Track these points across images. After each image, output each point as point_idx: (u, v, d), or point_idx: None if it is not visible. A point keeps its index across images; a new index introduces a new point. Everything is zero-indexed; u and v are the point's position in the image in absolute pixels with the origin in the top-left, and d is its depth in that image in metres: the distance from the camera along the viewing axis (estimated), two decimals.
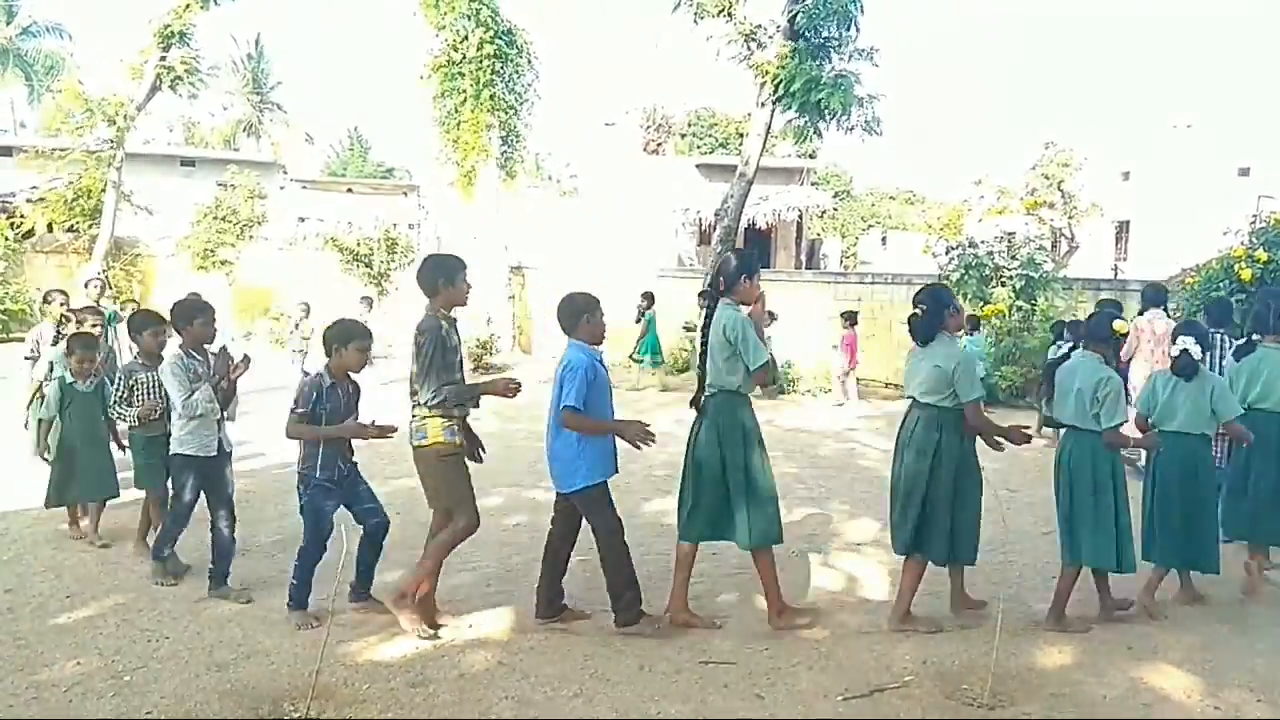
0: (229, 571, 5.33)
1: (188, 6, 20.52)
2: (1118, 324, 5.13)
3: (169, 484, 5.62)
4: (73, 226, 21.99)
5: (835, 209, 36.64)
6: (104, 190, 21.43)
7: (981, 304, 13.25)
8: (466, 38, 18.53)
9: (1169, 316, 8.80)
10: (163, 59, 20.85)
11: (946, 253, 14.15)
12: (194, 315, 5.37)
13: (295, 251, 22.51)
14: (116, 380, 5.89)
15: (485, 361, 16.86)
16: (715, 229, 18.29)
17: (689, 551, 4.96)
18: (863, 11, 15.27)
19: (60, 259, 22.03)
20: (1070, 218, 27.13)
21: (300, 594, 4.89)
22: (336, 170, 42.69)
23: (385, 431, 4.82)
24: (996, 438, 4.94)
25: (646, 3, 48.34)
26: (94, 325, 7.44)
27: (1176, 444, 5.25)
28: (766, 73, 15.56)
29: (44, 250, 22.17)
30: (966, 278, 13.57)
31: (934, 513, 4.83)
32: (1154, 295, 8.87)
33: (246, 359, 5.55)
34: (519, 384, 4.79)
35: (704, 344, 4.85)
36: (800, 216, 27.46)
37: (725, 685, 4.23)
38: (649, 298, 15.33)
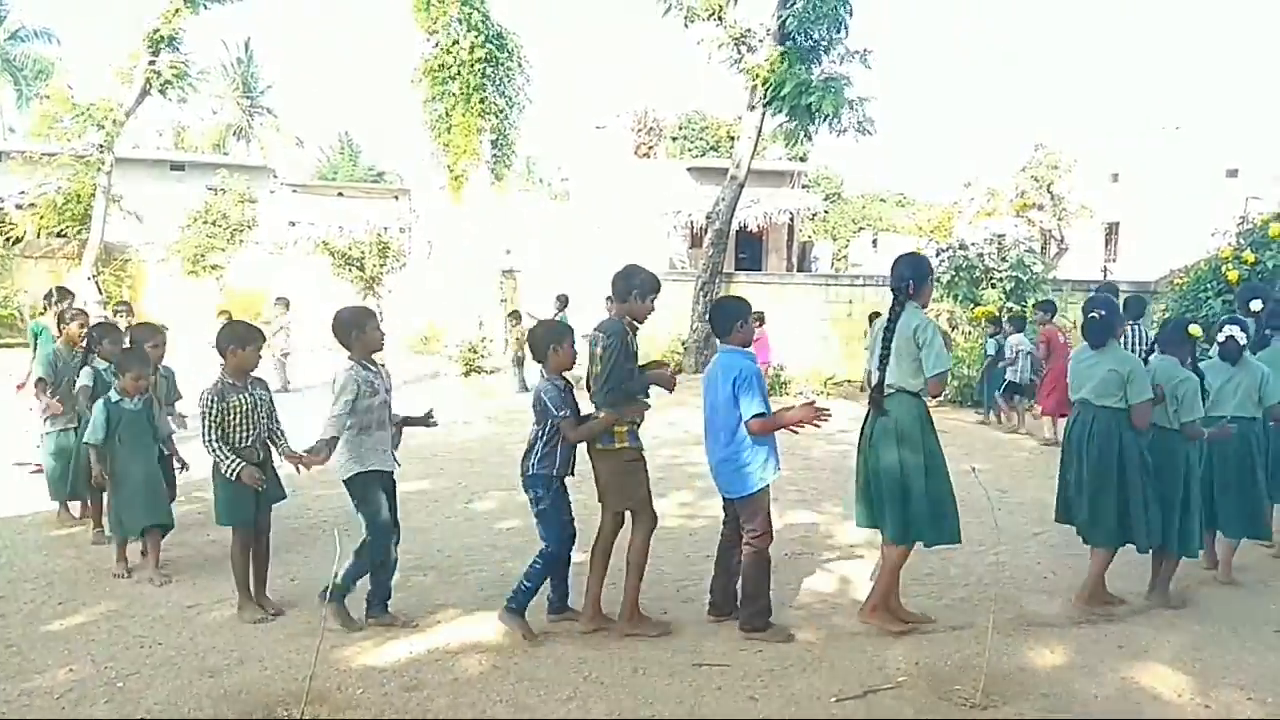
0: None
1: (177, 11, 20.49)
2: (1192, 328, 5.49)
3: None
4: (62, 232, 21.91)
5: (826, 212, 36.71)
6: (93, 195, 21.36)
7: (972, 306, 13.30)
8: (457, 41, 18.57)
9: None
10: (152, 63, 20.80)
11: (937, 255, 14.20)
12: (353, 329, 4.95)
13: (286, 256, 22.47)
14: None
15: (476, 365, 16.84)
16: (707, 232, 18.34)
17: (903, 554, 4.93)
18: (852, 14, 15.34)
19: (50, 264, 21.93)
20: (1060, 219, 27.23)
21: (526, 599, 4.81)
22: (327, 174, 42.61)
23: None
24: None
25: (636, 6, 48.45)
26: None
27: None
28: (757, 76, 15.62)
29: (33, 256, 22.07)
30: (957, 280, 13.63)
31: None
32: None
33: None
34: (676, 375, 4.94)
35: (885, 345, 4.85)
36: (791, 219, 27.53)
37: (719, 688, 4.24)
38: (564, 300, 15.07)
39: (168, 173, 28.17)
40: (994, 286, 13.41)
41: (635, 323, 4.86)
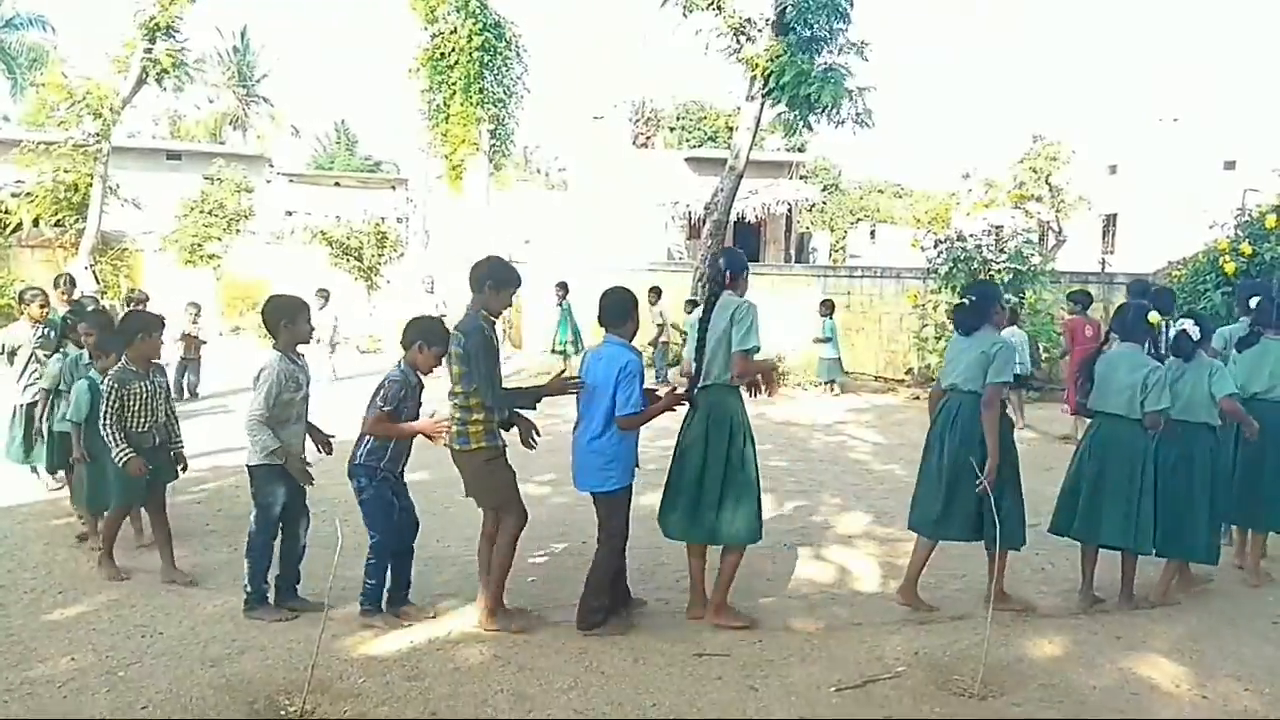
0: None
1: (173, 0, 20.36)
2: (1152, 316, 5.33)
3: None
4: (59, 221, 21.80)
5: (824, 203, 36.69)
6: (90, 184, 21.27)
7: None
8: (455, 30, 18.47)
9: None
10: (148, 52, 20.68)
11: (935, 246, 14.18)
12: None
13: (283, 245, 22.42)
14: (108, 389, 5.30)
15: None
16: (705, 222, 18.31)
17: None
18: (853, 4, 15.29)
19: (46, 254, 21.85)
20: (1058, 211, 27.25)
21: (377, 595, 4.84)
22: (324, 164, 42.48)
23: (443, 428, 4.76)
24: None
25: None
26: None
27: (1182, 431, 5.30)
28: (756, 66, 15.57)
29: (30, 245, 21.97)
30: (955, 271, 13.61)
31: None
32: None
33: None
34: (579, 382, 4.74)
35: (701, 336, 4.82)
36: (789, 210, 27.49)
37: (719, 678, 4.26)
38: (564, 287, 15.40)
39: (164, 162, 28.08)
40: (992, 278, 13.37)
41: (491, 317, 4.74)
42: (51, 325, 7.35)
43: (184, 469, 5.80)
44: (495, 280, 4.71)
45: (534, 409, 4.90)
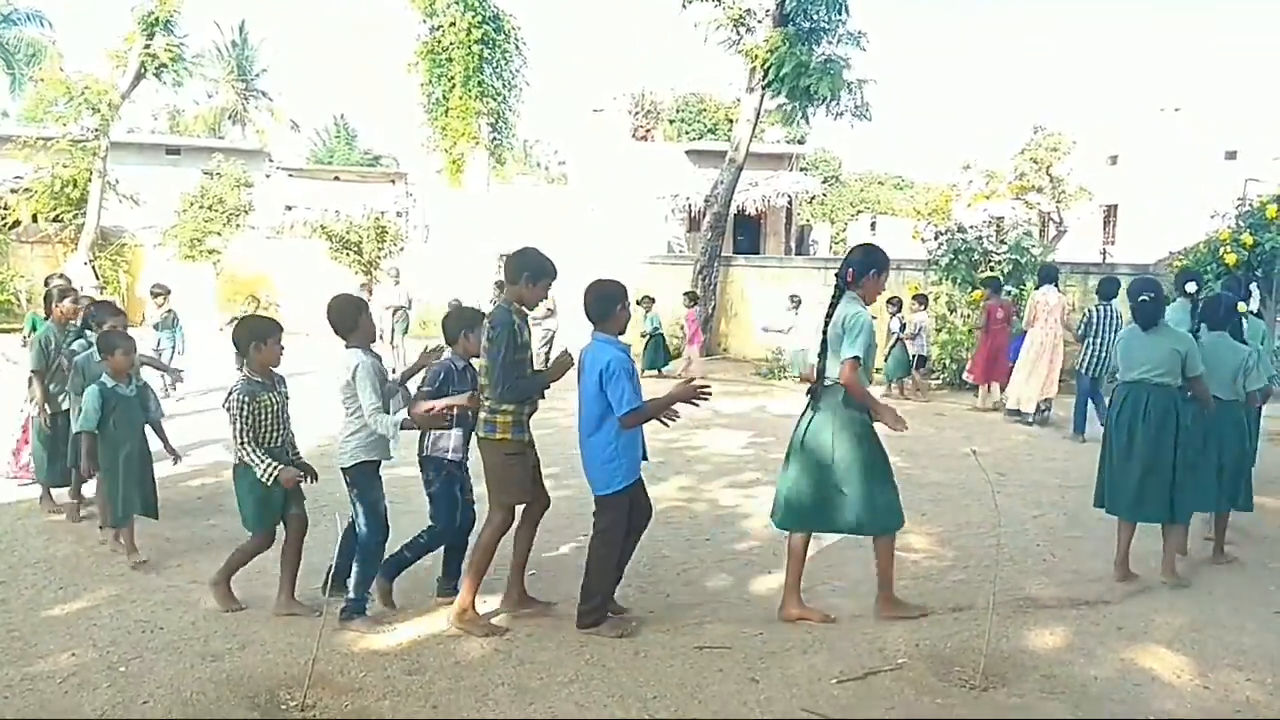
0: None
1: None
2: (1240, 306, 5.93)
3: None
4: (58, 217, 21.80)
5: (824, 194, 36.62)
6: (89, 180, 21.26)
7: (970, 289, 13.30)
8: (454, 24, 18.43)
9: (1060, 291, 10.80)
10: (147, 47, 20.65)
11: (935, 238, 14.16)
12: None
13: (283, 240, 22.40)
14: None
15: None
16: (705, 215, 18.29)
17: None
18: None
19: (46, 249, 21.85)
20: (1058, 202, 27.18)
21: (398, 567, 4.92)
22: (323, 158, 42.41)
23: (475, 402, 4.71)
24: None
25: None
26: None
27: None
28: (755, 57, 15.54)
29: (29, 241, 21.98)
30: (955, 262, 13.60)
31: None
32: (1046, 272, 10.84)
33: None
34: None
35: (824, 335, 4.79)
36: (789, 202, 27.44)
37: (720, 670, 4.25)
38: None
39: (163, 156, 28.05)
40: (992, 269, 13.38)
41: (524, 309, 4.71)
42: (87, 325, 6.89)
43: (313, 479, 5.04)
44: (533, 272, 4.66)
45: (542, 397, 4.86)
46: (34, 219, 21.77)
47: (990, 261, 13.57)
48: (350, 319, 4.74)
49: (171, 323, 12.66)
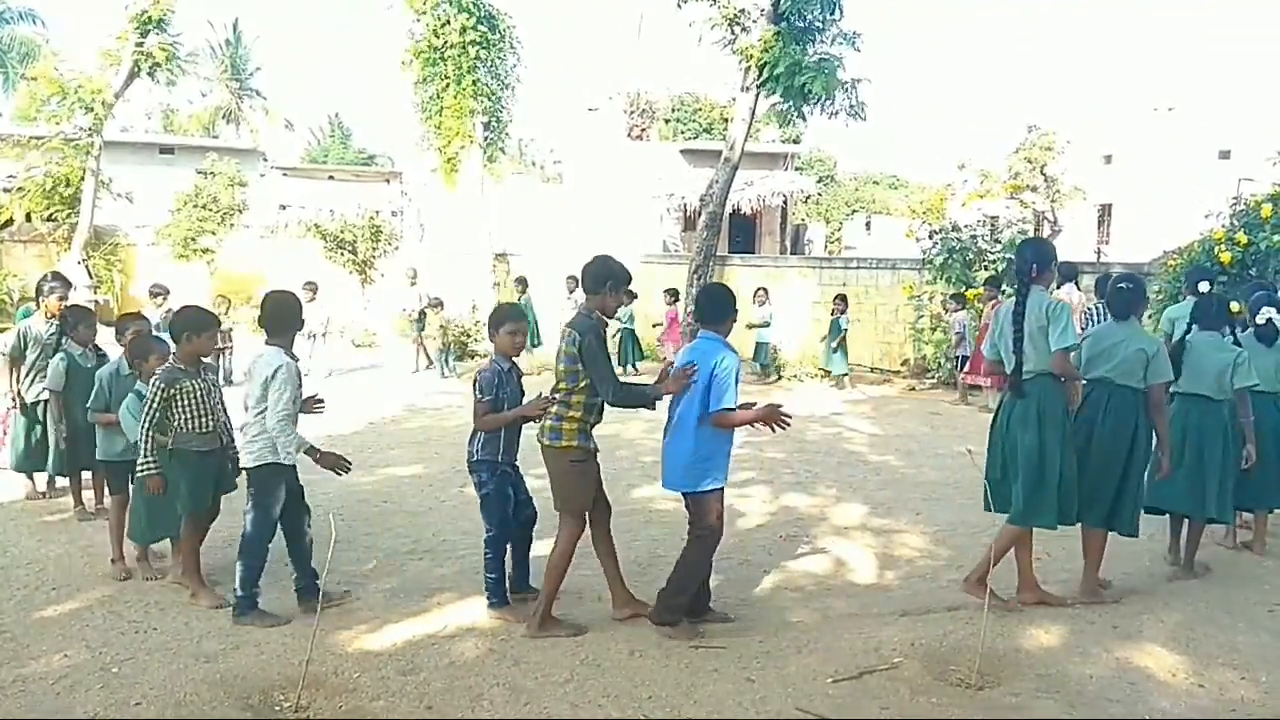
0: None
1: None
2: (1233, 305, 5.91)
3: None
4: (51, 216, 21.72)
5: (819, 194, 36.61)
6: (83, 179, 21.18)
7: (964, 288, 13.31)
8: (448, 23, 18.36)
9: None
10: (140, 45, 20.58)
11: (930, 237, 14.17)
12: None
13: (277, 239, 22.34)
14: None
15: (470, 349, 16.79)
16: (700, 215, 18.26)
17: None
18: None
19: (39, 248, 21.78)
20: (1053, 201, 27.18)
21: (499, 589, 4.87)
22: (317, 157, 42.32)
23: (545, 405, 4.69)
24: None
25: None
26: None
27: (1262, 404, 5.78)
28: (750, 57, 15.51)
29: (22, 240, 21.91)
30: (950, 262, 13.61)
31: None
32: (1066, 270, 10.72)
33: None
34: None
35: (1017, 329, 4.88)
36: (785, 202, 27.44)
37: (715, 669, 4.25)
38: (523, 283, 15.93)
39: (157, 156, 27.98)
40: (987, 269, 13.40)
41: (605, 317, 4.72)
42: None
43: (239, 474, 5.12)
44: (615, 280, 4.69)
45: (653, 409, 4.79)
46: (27, 218, 21.68)
47: (985, 261, 13.58)
48: (293, 317, 4.85)
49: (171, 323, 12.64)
